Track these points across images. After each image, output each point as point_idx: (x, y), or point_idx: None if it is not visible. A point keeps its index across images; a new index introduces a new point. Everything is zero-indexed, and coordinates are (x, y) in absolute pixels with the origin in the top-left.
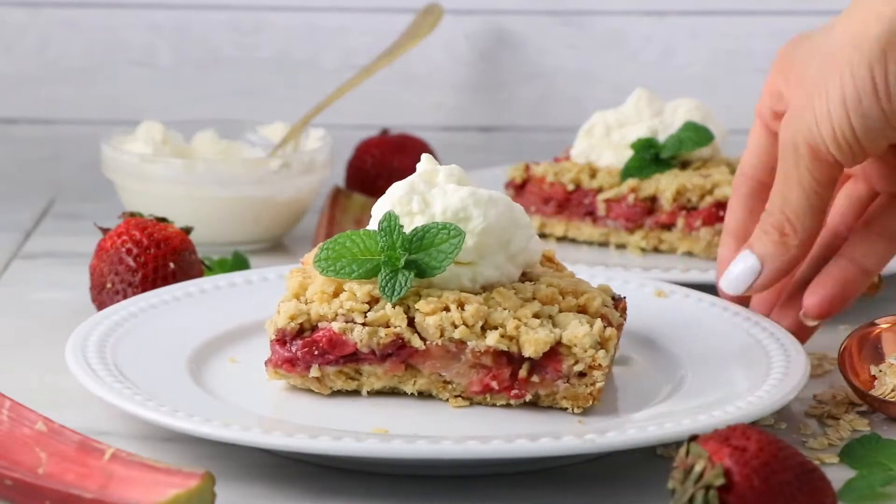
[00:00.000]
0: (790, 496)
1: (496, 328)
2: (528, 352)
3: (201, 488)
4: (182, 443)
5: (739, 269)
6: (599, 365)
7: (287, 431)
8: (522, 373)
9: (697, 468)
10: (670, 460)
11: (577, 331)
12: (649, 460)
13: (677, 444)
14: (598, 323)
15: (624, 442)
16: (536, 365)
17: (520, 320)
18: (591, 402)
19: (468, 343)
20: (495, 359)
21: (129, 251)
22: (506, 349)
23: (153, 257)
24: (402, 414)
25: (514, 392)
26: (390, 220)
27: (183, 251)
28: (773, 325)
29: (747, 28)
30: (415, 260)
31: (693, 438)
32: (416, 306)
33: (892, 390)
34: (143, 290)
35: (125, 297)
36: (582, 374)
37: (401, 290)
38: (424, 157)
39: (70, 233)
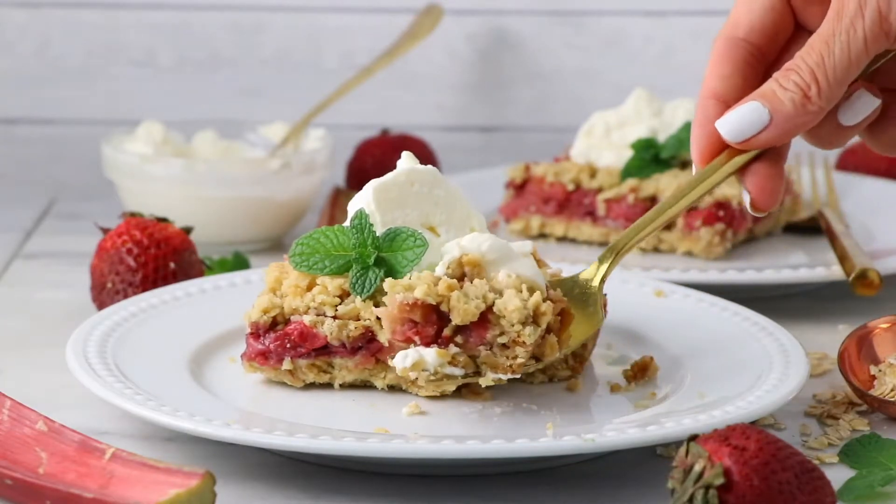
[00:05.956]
0: (790, 496)
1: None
2: (456, 319)
3: (201, 488)
4: (182, 442)
5: (744, 117)
6: (524, 342)
7: (288, 431)
8: (447, 332)
9: (697, 468)
10: (670, 460)
11: (509, 303)
12: (649, 460)
13: (677, 444)
14: (537, 296)
15: (624, 442)
16: (463, 328)
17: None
18: (509, 374)
19: (397, 296)
20: (424, 314)
21: (129, 251)
22: (434, 304)
23: (153, 257)
24: (403, 414)
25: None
26: (362, 218)
27: (183, 251)
28: (773, 325)
29: None
30: (385, 258)
31: (693, 438)
32: (386, 301)
33: (892, 390)
34: (144, 290)
35: (125, 296)
36: (505, 346)
37: (370, 287)
38: (405, 154)
39: (70, 233)
